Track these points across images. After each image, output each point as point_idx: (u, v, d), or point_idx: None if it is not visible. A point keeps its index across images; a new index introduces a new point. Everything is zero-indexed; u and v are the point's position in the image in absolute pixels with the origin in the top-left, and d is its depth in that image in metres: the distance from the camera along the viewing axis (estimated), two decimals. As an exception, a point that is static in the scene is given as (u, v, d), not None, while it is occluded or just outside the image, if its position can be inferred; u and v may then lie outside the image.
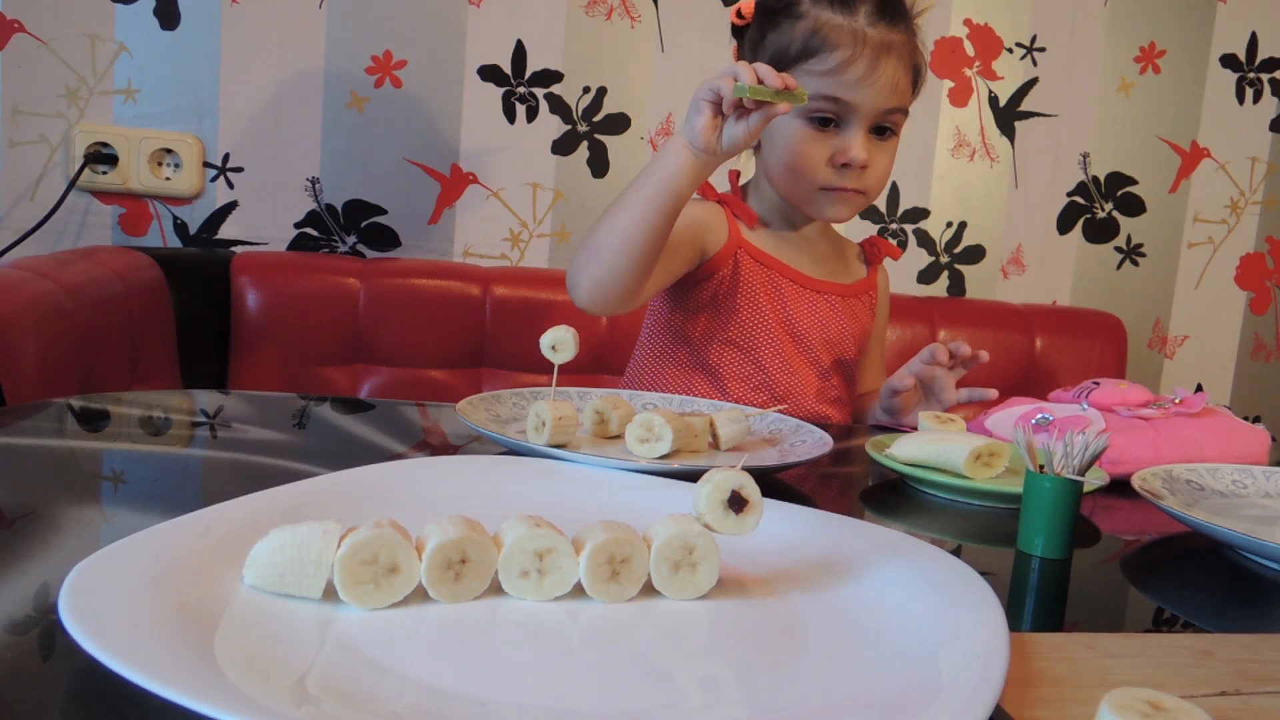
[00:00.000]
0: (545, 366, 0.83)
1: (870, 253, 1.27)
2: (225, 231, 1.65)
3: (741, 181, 1.24)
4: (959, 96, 1.83)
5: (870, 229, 1.82)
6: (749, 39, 1.14)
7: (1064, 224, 1.91)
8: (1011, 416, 0.92)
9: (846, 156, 1.07)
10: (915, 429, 0.98)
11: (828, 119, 1.07)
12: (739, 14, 1.15)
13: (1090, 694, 0.41)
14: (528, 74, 1.69)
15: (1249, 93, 1.92)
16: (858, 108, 1.06)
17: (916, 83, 1.12)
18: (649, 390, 1.13)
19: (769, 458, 0.81)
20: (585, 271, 0.99)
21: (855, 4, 1.06)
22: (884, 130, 1.10)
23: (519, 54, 1.69)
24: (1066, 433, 0.65)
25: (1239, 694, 0.43)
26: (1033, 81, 1.85)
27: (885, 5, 1.07)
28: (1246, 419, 1.30)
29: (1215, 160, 1.93)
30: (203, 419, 0.87)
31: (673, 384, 1.16)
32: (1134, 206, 1.92)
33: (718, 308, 1.15)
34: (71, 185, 1.56)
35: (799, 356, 1.15)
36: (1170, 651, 0.47)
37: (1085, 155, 1.89)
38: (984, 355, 1.06)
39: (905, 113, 1.11)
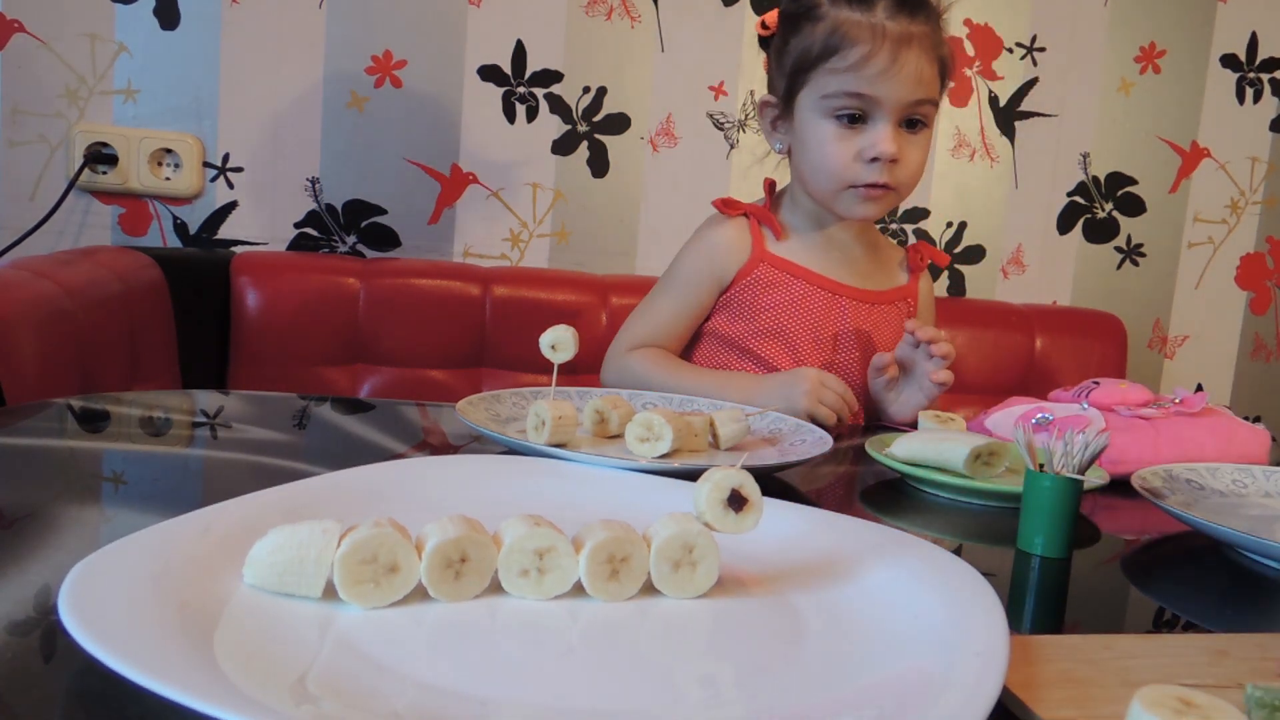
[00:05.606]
0: (545, 366, 0.83)
1: (913, 260, 1.26)
2: (225, 231, 1.65)
3: (778, 189, 1.25)
4: (959, 96, 1.83)
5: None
6: (774, 48, 1.15)
7: (1064, 224, 1.90)
8: (1011, 416, 0.92)
9: (875, 150, 1.07)
10: (915, 428, 0.99)
11: (855, 115, 1.07)
12: (763, 25, 1.16)
13: (1116, 693, 0.41)
14: (528, 74, 1.69)
15: (1249, 92, 1.92)
16: (883, 101, 1.06)
17: (944, 74, 1.11)
18: None
19: (769, 457, 0.81)
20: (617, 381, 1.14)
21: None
22: (914, 123, 1.09)
23: (519, 54, 1.69)
24: (1066, 432, 0.65)
25: None
26: (1033, 81, 1.85)
27: None
28: (1246, 419, 1.30)
29: (1215, 160, 1.93)
30: (203, 419, 0.87)
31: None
32: (1134, 206, 1.92)
33: (733, 315, 1.16)
34: (71, 185, 1.56)
35: (821, 361, 1.16)
36: (1187, 651, 0.48)
37: (1085, 155, 1.89)
38: (942, 344, 1.07)
39: (935, 104, 1.11)
